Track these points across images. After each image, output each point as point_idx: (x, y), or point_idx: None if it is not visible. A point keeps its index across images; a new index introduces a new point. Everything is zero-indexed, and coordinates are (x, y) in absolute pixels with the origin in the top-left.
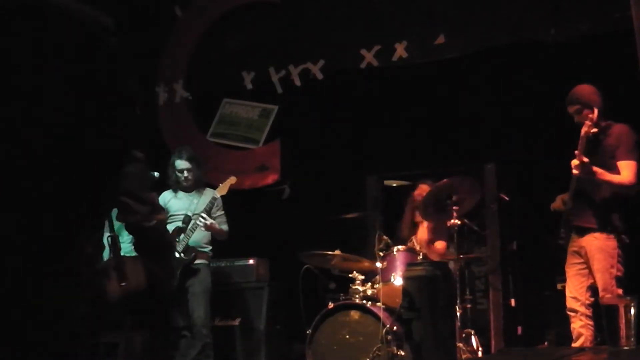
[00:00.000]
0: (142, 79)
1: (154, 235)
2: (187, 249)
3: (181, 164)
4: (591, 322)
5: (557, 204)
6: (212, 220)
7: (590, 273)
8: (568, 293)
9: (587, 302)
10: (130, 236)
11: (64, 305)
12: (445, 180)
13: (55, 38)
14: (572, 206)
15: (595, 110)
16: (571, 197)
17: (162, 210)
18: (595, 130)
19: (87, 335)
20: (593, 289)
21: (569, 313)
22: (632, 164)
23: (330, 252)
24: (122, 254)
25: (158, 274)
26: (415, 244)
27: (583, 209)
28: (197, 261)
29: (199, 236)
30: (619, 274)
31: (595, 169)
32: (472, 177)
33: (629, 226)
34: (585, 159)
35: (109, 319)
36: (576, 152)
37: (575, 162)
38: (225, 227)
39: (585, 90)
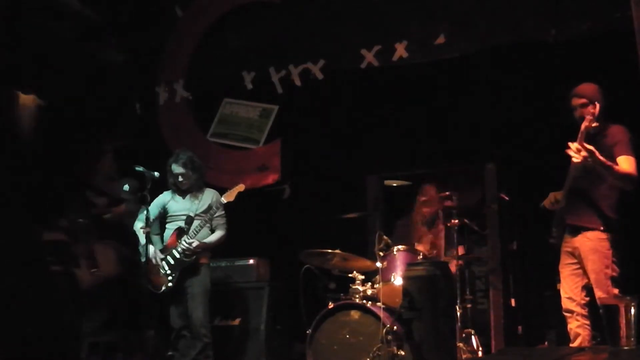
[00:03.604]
0: (143, 79)
1: (114, 227)
2: (189, 250)
3: (176, 168)
4: (588, 322)
5: (549, 200)
6: (197, 243)
7: (585, 273)
8: (563, 294)
9: (583, 302)
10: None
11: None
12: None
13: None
14: (565, 204)
15: (597, 105)
16: (565, 195)
17: (124, 202)
18: (596, 124)
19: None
20: (588, 289)
21: (565, 314)
22: (631, 159)
23: (330, 250)
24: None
25: (130, 260)
26: (427, 244)
27: (577, 208)
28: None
29: (200, 236)
30: (614, 274)
31: (599, 156)
32: (471, 179)
33: (627, 226)
34: (590, 147)
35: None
36: (577, 142)
37: (576, 145)
38: (220, 231)
39: (593, 88)
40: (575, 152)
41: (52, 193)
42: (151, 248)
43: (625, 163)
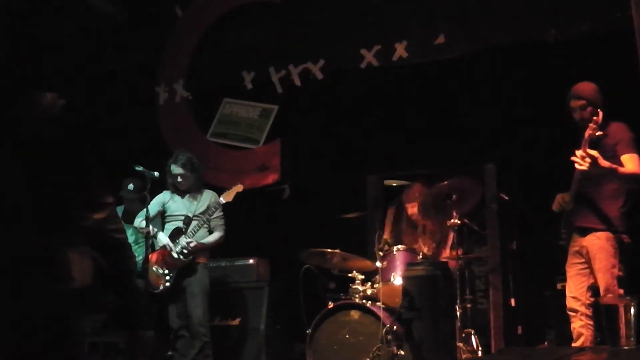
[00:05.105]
0: (143, 79)
1: (92, 234)
2: (187, 250)
3: (175, 169)
4: (591, 322)
5: (557, 204)
6: (194, 243)
7: (591, 273)
8: (568, 293)
9: (588, 302)
10: (134, 236)
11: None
12: (445, 182)
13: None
14: (573, 207)
15: (600, 113)
16: (572, 197)
17: (104, 208)
18: (600, 133)
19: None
20: (594, 289)
21: (569, 313)
22: (635, 157)
23: (330, 250)
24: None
25: (110, 270)
26: (422, 245)
27: (585, 210)
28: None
29: (197, 237)
30: (620, 273)
31: (603, 161)
32: (471, 178)
33: (630, 226)
34: (595, 153)
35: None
36: (581, 149)
37: (580, 153)
38: (218, 232)
39: (591, 88)
40: (580, 159)
41: (58, 193)
42: (162, 237)
43: (629, 162)
